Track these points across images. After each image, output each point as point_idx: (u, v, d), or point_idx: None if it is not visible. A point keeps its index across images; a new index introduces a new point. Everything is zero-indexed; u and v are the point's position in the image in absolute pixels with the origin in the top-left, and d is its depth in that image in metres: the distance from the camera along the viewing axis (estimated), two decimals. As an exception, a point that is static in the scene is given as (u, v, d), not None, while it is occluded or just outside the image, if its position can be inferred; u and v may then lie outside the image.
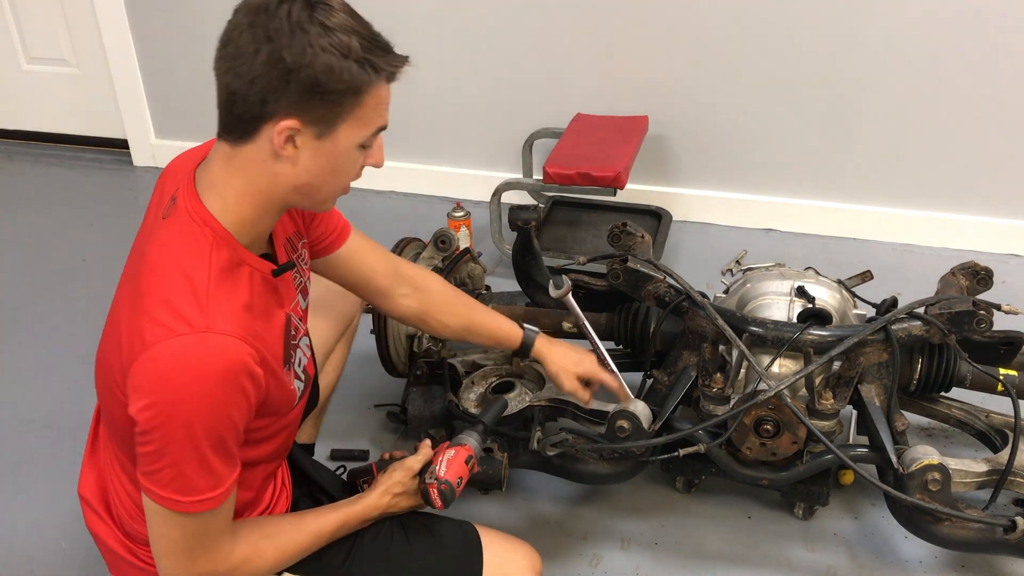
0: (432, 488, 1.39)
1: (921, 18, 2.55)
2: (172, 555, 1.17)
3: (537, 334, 1.68)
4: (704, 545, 1.80)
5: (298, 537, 1.30)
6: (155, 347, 1.06)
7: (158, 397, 1.06)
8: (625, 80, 2.86)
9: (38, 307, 2.64)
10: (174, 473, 1.09)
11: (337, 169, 1.14)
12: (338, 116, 1.09)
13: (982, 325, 1.59)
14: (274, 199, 1.15)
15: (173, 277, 1.10)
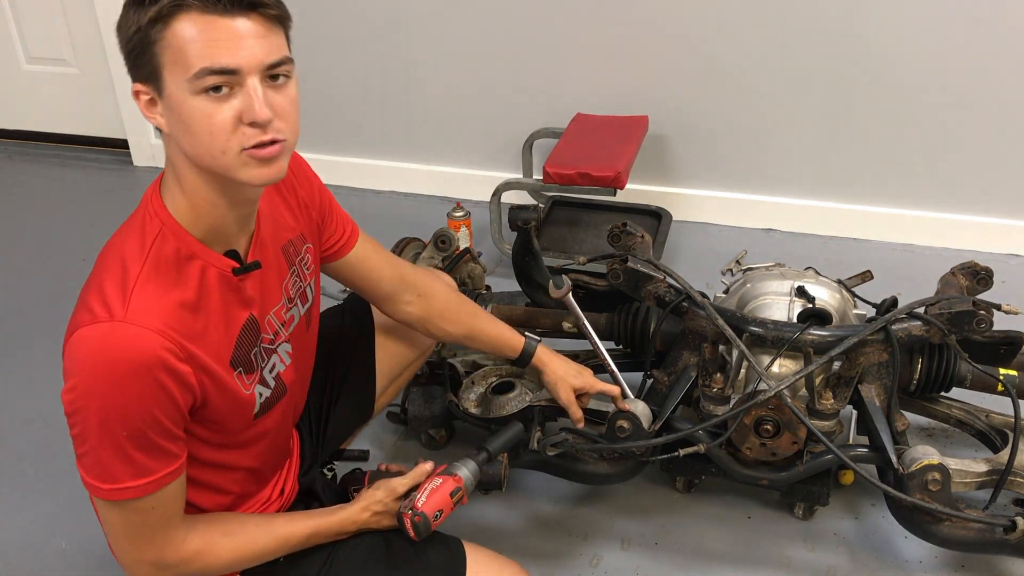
0: (406, 517, 1.36)
1: (921, 18, 2.55)
2: (115, 539, 1.19)
3: (538, 343, 1.69)
4: (704, 545, 1.80)
5: (262, 539, 1.28)
6: (77, 332, 1.07)
7: (76, 381, 1.07)
8: (625, 80, 2.86)
9: (38, 307, 2.64)
10: (94, 459, 1.10)
11: (189, 124, 1.05)
12: (158, 66, 1.05)
13: (982, 325, 1.59)
14: (192, 178, 1.11)
15: (112, 265, 1.11)
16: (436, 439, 2.02)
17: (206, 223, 1.14)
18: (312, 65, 3.12)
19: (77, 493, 1.92)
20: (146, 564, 1.19)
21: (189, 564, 1.21)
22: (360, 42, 3.05)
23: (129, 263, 1.10)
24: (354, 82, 3.10)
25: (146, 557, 1.18)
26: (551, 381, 1.68)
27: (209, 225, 1.15)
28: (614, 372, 1.77)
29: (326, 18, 3.01)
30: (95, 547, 1.82)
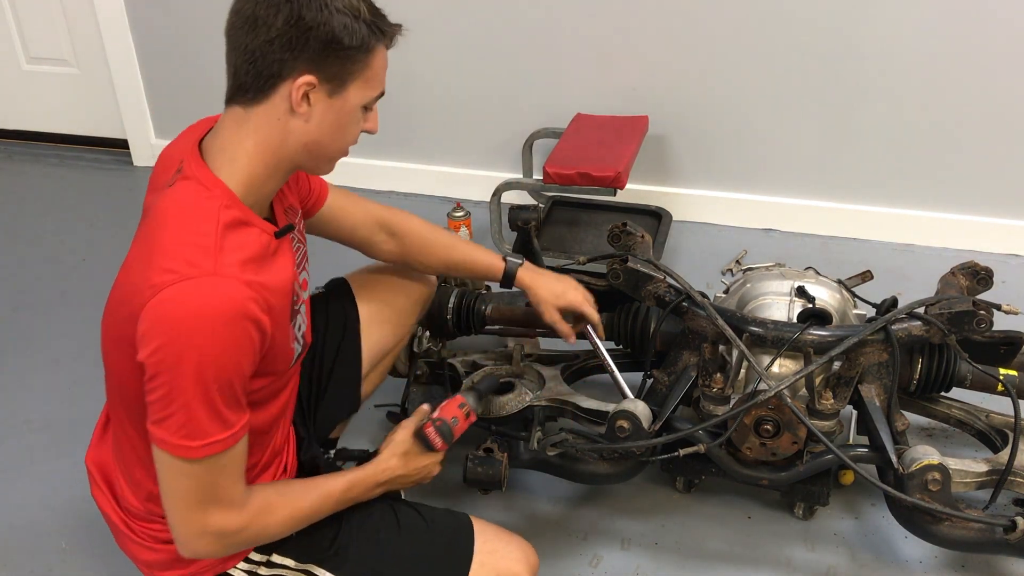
0: (428, 427, 1.40)
1: (921, 17, 2.55)
2: (184, 509, 1.18)
3: (520, 264, 1.70)
4: (704, 545, 1.80)
5: (309, 496, 1.31)
6: (163, 291, 1.09)
7: (166, 339, 1.09)
8: (625, 80, 2.86)
9: (38, 307, 2.64)
10: (184, 417, 1.11)
11: (343, 127, 1.22)
12: (349, 75, 1.18)
13: (982, 325, 1.59)
14: (283, 158, 1.21)
15: (182, 232, 1.14)
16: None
17: (259, 192, 1.23)
18: (312, 65, 3.12)
19: (77, 493, 1.93)
20: (210, 534, 1.20)
21: (248, 529, 1.24)
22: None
23: (201, 227, 1.14)
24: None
25: (212, 523, 1.19)
26: (535, 302, 1.71)
27: (258, 194, 1.23)
28: (614, 373, 1.77)
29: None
30: (95, 547, 1.82)
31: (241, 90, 1.18)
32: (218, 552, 1.26)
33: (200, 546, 1.22)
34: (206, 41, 3.19)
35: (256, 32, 1.14)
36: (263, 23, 1.13)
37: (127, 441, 1.31)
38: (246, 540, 1.27)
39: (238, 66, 1.18)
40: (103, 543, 1.82)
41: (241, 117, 1.19)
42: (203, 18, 3.13)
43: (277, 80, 1.15)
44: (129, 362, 1.15)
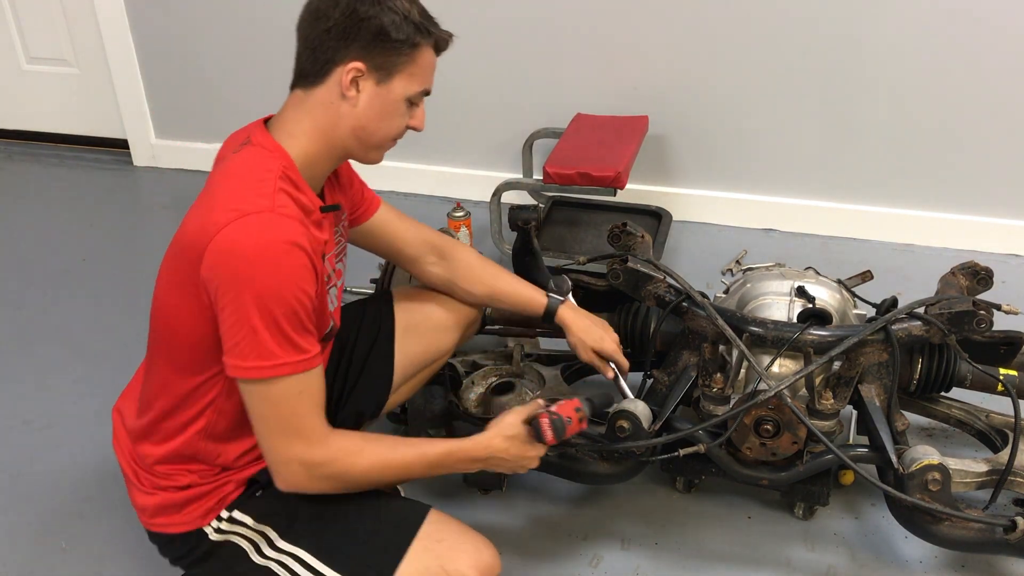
0: (544, 417, 1.40)
1: (921, 17, 2.55)
2: (268, 436, 1.26)
3: (561, 302, 1.74)
4: (704, 545, 1.80)
5: (402, 448, 1.35)
6: (226, 227, 1.20)
7: (231, 269, 1.20)
8: (625, 80, 2.86)
9: (38, 307, 2.64)
10: (252, 341, 1.20)
11: (388, 116, 1.34)
12: (395, 66, 1.30)
13: (982, 325, 1.58)
14: (335, 140, 1.34)
15: (243, 181, 1.27)
16: (436, 439, 2.01)
17: (311, 170, 1.35)
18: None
19: (77, 493, 1.93)
20: (297, 462, 1.26)
21: (334, 463, 1.28)
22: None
23: (262, 175, 1.27)
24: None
25: (295, 451, 1.26)
26: (572, 342, 1.74)
27: (311, 171, 1.35)
28: (617, 376, 1.78)
29: (326, 18, 3.01)
30: (95, 547, 1.82)
31: (302, 75, 1.32)
32: (310, 484, 1.30)
33: (289, 475, 1.28)
34: (206, 41, 3.19)
35: (317, 23, 1.28)
36: (323, 15, 1.28)
37: (158, 378, 1.38)
38: (333, 475, 1.30)
39: (301, 54, 1.32)
40: (103, 544, 1.82)
41: (301, 99, 1.33)
42: (203, 18, 3.13)
43: (331, 65, 1.29)
44: (191, 303, 1.25)
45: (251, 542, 1.38)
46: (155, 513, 1.41)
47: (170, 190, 3.35)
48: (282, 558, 1.36)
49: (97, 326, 2.53)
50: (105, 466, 2.01)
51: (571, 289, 1.89)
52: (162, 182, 3.41)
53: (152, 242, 3.03)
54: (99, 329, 2.52)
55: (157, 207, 3.24)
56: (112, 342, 2.45)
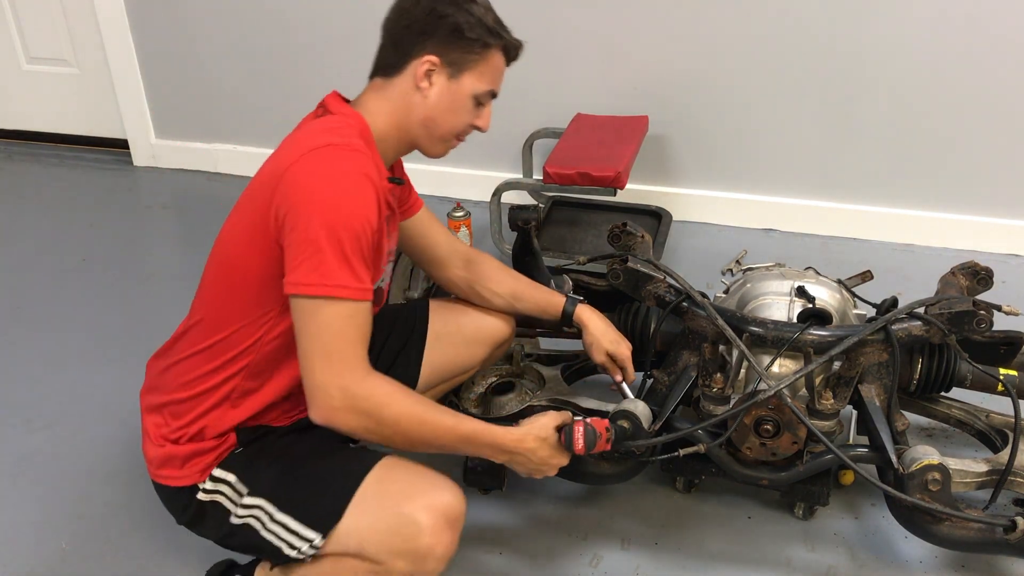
0: (579, 426, 1.43)
1: (921, 18, 2.55)
2: (315, 357, 1.27)
3: (578, 303, 1.77)
4: (704, 545, 1.80)
5: (438, 411, 1.36)
6: (305, 155, 1.30)
7: (305, 190, 1.27)
8: (625, 80, 2.86)
9: (38, 307, 2.64)
10: (316, 259, 1.25)
11: (455, 110, 1.43)
12: (466, 63, 1.41)
13: (982, 325, 1.58)
14: (406, 127, 1.44)
15: (324, 128, 1.37)
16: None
17: (385, 147, 1.44)
18: (313, 65, 3.12)
19: (77, 493, 1.93)
20: (336, 387, 1.27)
21: (371, 399, 1.29)
22: (360, 42, 3.04)
23: (343, 129, 1.37)
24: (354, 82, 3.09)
25: (338, 377, 1.27)
26: (588, 342, 1.76)
27: (385, 148, 1.44)
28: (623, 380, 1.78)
29: (326, 17, 3.01)
30: (95, 547, 1.82)
31: (383, 66, 1.43)
32: (344, 415, 1.28)
33: (326, 401, 1.27)
34: (206, 41, 3.19)
35: (400, 19, 1.41)
36: (406, 12, 1.40)
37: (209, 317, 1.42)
38: (367, 411, 1.29)
39: (384, 46, 1.44)
40: (103, 543, 1.82)
41: (380, 86, 1.44)
42: (203, 18, 3.13)
43: (409, 58, 1.40)
44: (259, 238, 1.32)
45: (230, 500, 1.42)
46: (160, 464, 1.44)
47: (170, 190, 3.35)
48: (252, 512, 1.40)
49: (97, 326, 2.53)
50: (105, 466, 2.01)
51: (571, 290, 1.89)
52: (162, 182, 3.41)
53: (152, 242, 3.04)
54: (99, 329, 2.52)
55: (157, 207, 3.24)
56: (112, 342, 2.45)
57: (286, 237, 1.27)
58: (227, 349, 1.40)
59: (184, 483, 1.43)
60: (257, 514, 1.40)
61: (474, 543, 1.79)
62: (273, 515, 1.39)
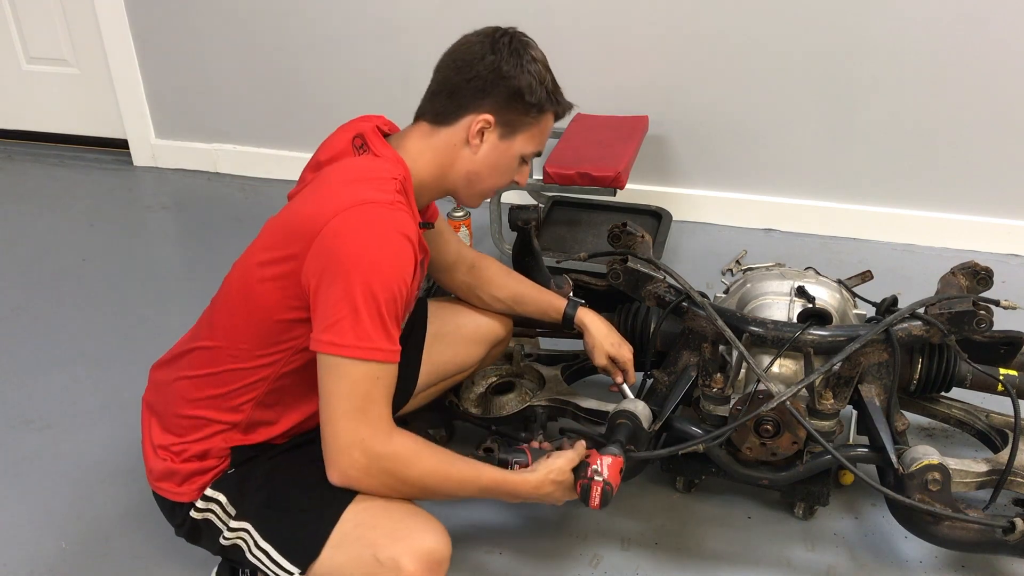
0: (596, 486, 1.44)
1: (921, 18, 2.55)
2: (339, 416, 1.26)
3: (580, 306, 1.78)
4: (704, 545, 1.80)
5: (460, 464, 1.36)
6: (347, 210, 1.26)
7: (345, 249, 1.24)
8: (625, 80, 2.86)
9: (38, 307, 2.64)
10: (353, 321, 1.23)
11: (501, 169, 1.44)
12: (521, 125, 1.42)
13: (982, 325, 1.58)
14: (448, 177, 1.43)
15: (366, 175, 1.33)
16: (436, 439, 2.02)
17: (421, 193, 1.43)
18: (313, 65, 3.12)
19: (77, 493, 1.93)
20: (358, 447, 1.27)
21: (393, 459, 1.29)
22: (360, 43, 3.05)
23: (384, 177, 1.33)
24: (355, 82, 3.10)
25: (360, 436, 1.26)
26: (589, 345, 1.77)
27: (421, 194, 1.43)
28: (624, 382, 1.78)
29: (326, 19, 3.01)
30: (95, 547, 1.82)
31: (433, 113, 1.41)
32: (367, 477, 1.28)
33: (348, 462, 1.27)
34: (206, 42, 3.19)
35: (460, 71, 1.38)
36: (467, 65, 1.38)
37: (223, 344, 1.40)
38: (391, 471, 1.29)
39: (437, 93, 1.40)
40: (103, 543, 1.82)
41: (427, 132, 1.41)
42: (203, 19, 3.13)
43: (464, 112, 1.39)
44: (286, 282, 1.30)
45: (220, 519, 1.42)
46: (160, 477, 1.44)
47: (170, 190, 3.35)
48: (239, 534, 1.40)
49: (97, 326, 2.53)
50: (105, 466, 2.01)
51: (572, 289, 1.89)
52: (162, 182, 3.41)
53: (152, 242, 3.04)
54: (99, 329, 2.52)
55: (157, 207, 3.24)
56: (112, 342, 2.45)
57: (321, 293, 1.25)
58: (238, 378, 1.39)
59: (181, 499, 1.43)
60: (244, 537, 1.40)
61: (474, 543, 1.79)
62: (257, 542, 1.38)
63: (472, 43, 1.40)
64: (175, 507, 1.45)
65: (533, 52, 1.42)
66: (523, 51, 1.40)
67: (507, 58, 1.38)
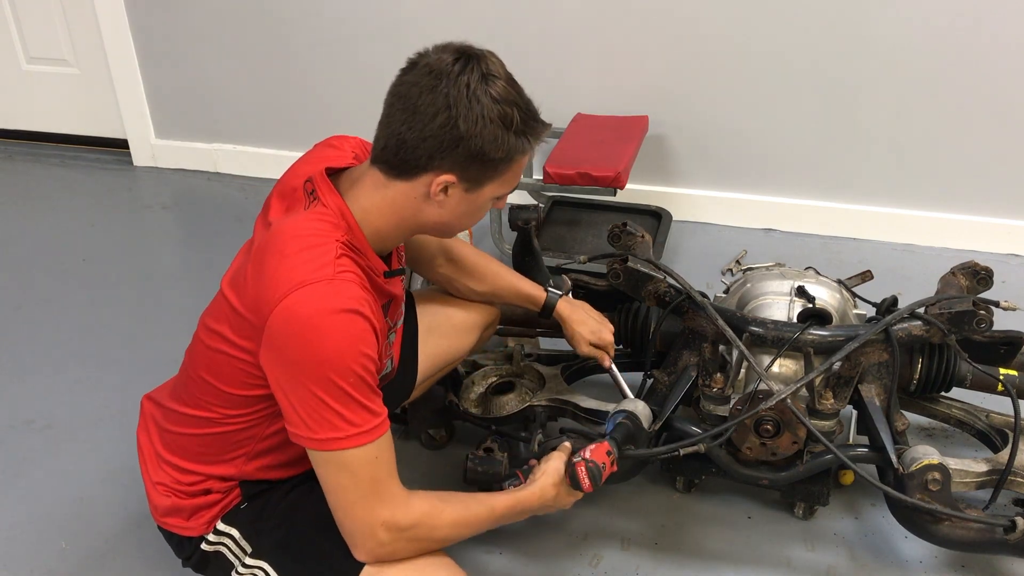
0: (580, 466, 1.43)
1: (921, 18, 2.55)
2: (351, 505, 1.23)
3: (560, 296, 1.78)
4: (704, 545, 1.80)
5: (474, 506, 1.35)
6: (285, 298, 1.17)
7: (293, 352, 1.17)
8: (625, 80, 2.86)
9: (38, 307, 2.64)
10: (321, 414, 1.18)
11: (473, 214, 1.33)
12: (489, 178, 1.26)
13: (982, 325, 1.59)
14: (412, 227, 1.32)
15: (306, 245, 1.22)
16: (436, 439, 2.02)
17: (382, 243, 1.32)
18: (313, 65, 3.12)
19: (77, 493, 1.93)
20: (380, 528, 1.25)
21: (418, 527, 1.28)
22: (360, 42, 3.05)
23: (324, 244, 1.22)
24: (354, 82, 3.10)
25: (380, 517, 1.24)
26: (568, 334, 1.79)
27: (382, 243, 1.33)
28: (615, 373, 1.78)
29: (326, 19, 3.01)
30: (95, 547, 1.82)
31: (388, 166, 1.25)
32: (392, 552, 1.28)
33: (374, 544, 1.26)
34: (206, 42, 3.19)
35: (412, 124, 1.20)
36: (420, 117, 1.19)
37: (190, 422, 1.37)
38: (419, 538, 1.29)
39: (388, 143, 1.24)
40: (103, 543, 1.82)
41: (381, 183, 1.27)
42: (203, 18, 3.12)
43: (420, 171, 1.23)
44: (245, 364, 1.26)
45: (234, 554, 1.41)
46: (166, 513, 1.43)
47: (170, 190, 3.35)
48: (255, 572, 1.39)
49: (97, 326, 2.53)
50: (105, 466, 2.01)
51: (571, 289, 1.89)
52: (162, 182, 3.41)
53: (152, 242, 3.04)
54: (99, 329, 2.52)
55: (157, 207, 3.24)
56: (112, 342, 2.45)
57: (284, 390, 1.20)
58: (222, 440, 1.37)
59: (191, 534, 1.42)
60: (259, 575, 1.39)
61: (474, 543, 1.79)
62: None
63: (420, 86, 1.20)
64: (184, 541, 1.44)
65: (493, 90, 1.21)
66: (482, 94, 1.19)
67: (463, 112, 1.18)
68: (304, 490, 1.42)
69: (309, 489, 1.39)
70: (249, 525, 1.41)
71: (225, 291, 1.31)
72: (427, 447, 2.02)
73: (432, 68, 1.20)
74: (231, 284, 1.30)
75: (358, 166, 1.34)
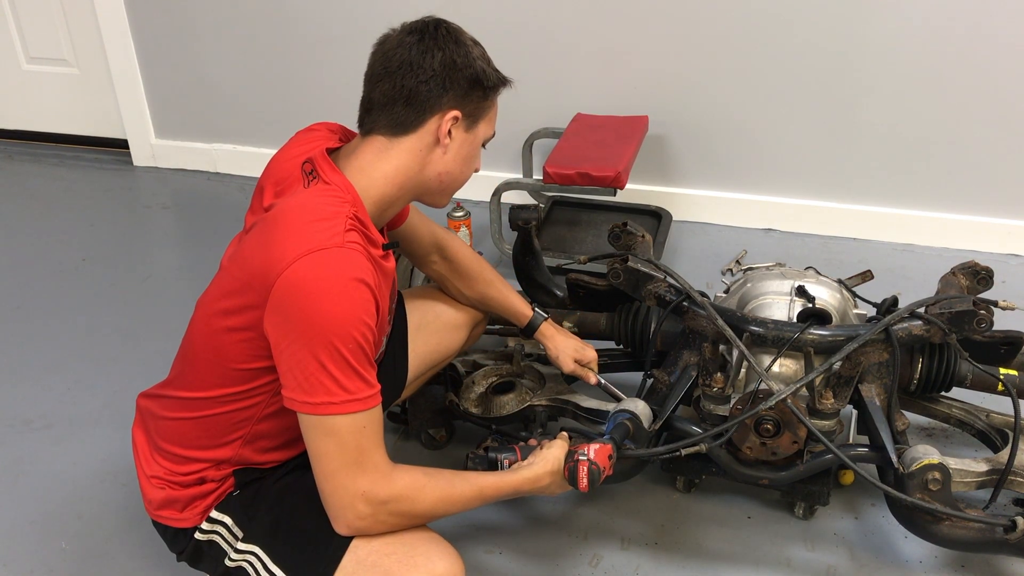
0: (583, 465, 1.43)
1: (921, 18, 2.55)
2: (334, 473, 1.25)
3: (545, 319, 1.81)
4: (704, 545, 1.80)
5: (459, 483, 1.37)
6: (295, 262, 1.20)
7: (298, 307, 1.20)
8: (625, 80, 2.86)
9: (38, 307, 2.64)
10: (320, 377, 1.20)
11: (470, 160, 1.40)
12: (482, 112, 1.37)
13: (982, 325, 1.59)
14: (417, 184, 1.37)
15: (314, 216, 1.25)
16: (436, 439, 2.02)
17: (383, 213, 1.38)
18: (313, 65, 3.12)
19: (77, 493, 1.93)
20: (360, 499, 1.26)
21: (399, 502, 1.29)
22: (359, 42, 3.04)
23: (333, 216, 1.25)
24: (354, 82, 3.09)
25: (360, 487, 1.25)
26: (552, 355, 1.81)
27: (383, 214, 1.38)
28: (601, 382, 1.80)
29: (326, 19, 3.01)
30: (95, 547, 1.82)
31: (391, 124, 1.32)
32: (371, 525, 1.29)
33: (353, 515, 1.27)
34: (206, 42, 3.19)
35: (411, 74, 1.30)
36: (418, 66, 1.30)
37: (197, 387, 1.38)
38: (399, 512, 1.30)
39: (390, 103, 1.31)
40: (103, 543, 1.82)
41: (383, 147, 1.33)
42: (203, 19, 3.12)
43: (428, 114, 1.31)
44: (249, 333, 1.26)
45: (226, 541, 1.41)
46: (160, 506, 1.43)
47: (170, 190, 3.35)
48: (247, 557, 1.39)
49: (97, 326, 2.53)
50: (105, 466, 2.01)
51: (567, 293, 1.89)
52: (162, 182, 3.41)
53: (152, 242, 3.04)
54: (99, 329, 2.52)
55: (157, 207, 3.24)
56: (112, 342, 2.45)
57: (284, 350, 1.23)
58: (218, 423, 1.38)
59: (185, 525, 1.42)
60: (251, 560, 1.39)
61: (474, 543, 1.79)
62: (266, 564, 1.37)
63: (408, 44, 1.31)
64: (178, 533, 1.44)
65: (467, 37, 1.37)
66: (460, 38, 1.35)
67: (454, 49, 1.33)
68: (296, 476, 1.44)
69: (301, 475, 1.41)
70: (241, 511, 1.41)
71: (226, 267, 1.34)
72: (427, 447, 2.02)
73: (410, 31, 1.33)
74: (231, 260, 1.34)
75: (348, 144, 1.40)
